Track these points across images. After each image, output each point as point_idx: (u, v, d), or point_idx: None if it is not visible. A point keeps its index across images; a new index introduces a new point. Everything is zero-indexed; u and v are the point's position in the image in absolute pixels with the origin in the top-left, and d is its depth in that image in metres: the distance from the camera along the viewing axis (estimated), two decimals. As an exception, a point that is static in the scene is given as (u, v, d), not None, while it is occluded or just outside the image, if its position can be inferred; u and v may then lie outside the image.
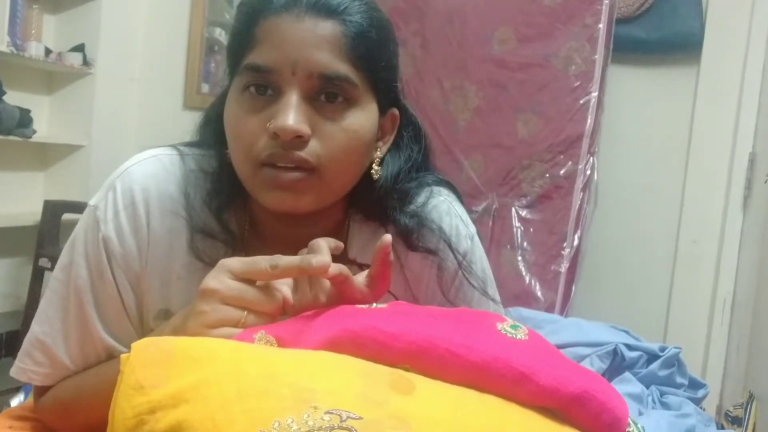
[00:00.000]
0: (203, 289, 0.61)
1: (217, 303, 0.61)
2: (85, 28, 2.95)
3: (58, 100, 3.04)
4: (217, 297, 0.61)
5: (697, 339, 2.38)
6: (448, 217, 0.80)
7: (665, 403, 1.54)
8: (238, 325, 0.61)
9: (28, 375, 0.76)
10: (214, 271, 0.62)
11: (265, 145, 0.67)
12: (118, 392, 0.50)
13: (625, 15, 2.37)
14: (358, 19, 0.68)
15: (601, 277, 2.46)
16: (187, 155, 0.77)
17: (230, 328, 0.60)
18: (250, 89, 0.68)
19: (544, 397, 0.56)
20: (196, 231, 0.74)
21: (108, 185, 0.75)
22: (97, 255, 0.73)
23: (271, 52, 0.67)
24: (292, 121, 0.65)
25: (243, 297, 0.61)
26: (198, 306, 0.61)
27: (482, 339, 0.58)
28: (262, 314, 0.62)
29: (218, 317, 0.60)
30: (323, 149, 0.68)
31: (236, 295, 0.61)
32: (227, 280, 0.61)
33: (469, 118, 2.31)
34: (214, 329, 0.60)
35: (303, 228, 0.75)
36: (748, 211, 2.33)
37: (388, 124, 0.77)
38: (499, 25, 2.27)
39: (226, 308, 0.61)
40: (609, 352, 1.60)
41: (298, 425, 0.45)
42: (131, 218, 0.73)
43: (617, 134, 2.45)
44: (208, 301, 0.61)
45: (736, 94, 2.35)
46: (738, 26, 2.34)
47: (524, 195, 2.24)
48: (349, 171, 0.72)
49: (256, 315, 0.61)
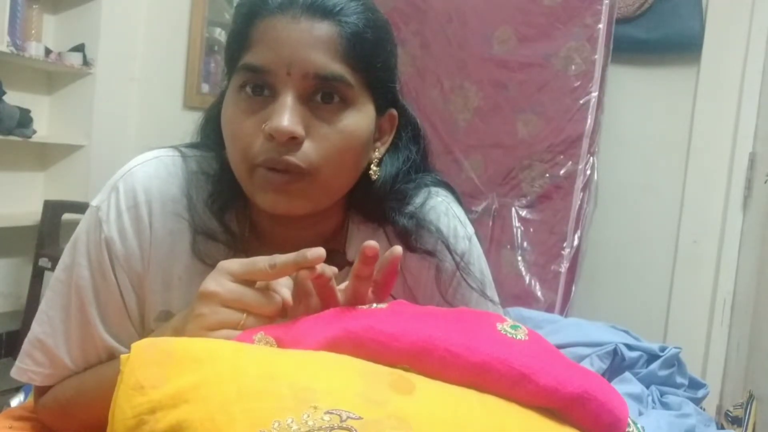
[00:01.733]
0: (202, 291, 0.61)
1: (217, 305, 0.61)
2: (85, 28, 2.95)
3: (58, 100, 3.04)
4: (217, 300, 0.61)
5: (697, 339, 2.39)
6: (446, 218, 0.80)
7: (665, 403, 1.54)
8: (237, 327, 0.61)
9: (28, 375, 0.76)
10: (213, 274, 0.62)
11: (261, 147, 0.67)
12: (118, 392, 0.50)
13: (625, 15, 2.37)
14: (354, 20, 0.68)
15: (601, 277, 2.46)
16: (189, 157, 0.77)
17: (229, 330, 0.60)
18: (246, 90, 0.69)
19: (544, 397, 0.56)
20: (198, 233, 0.74)
21: (110, 186, 0.75)
22: (99, 255, 0.73)
23: (267, 52, 0.67)
24: (286, 122, 0.65)
25: (242, 299, 0.61)
26: (197, 308, 0.61)
27: (482, 339, 0.58)
28: (261, 316, 0.62)
29: (217, 320, 0.60)
30: (318, 151, 0.68)
31: (235, 297, 0.61)
32: (226, 282, 0.61)
33: (469, 118, 2.31)
34: (213, 332, 0.60)
35: (302, 230, 0.75)
36: (748, 211, 2.33)
37: (386, 124, 0.77)
38: (499, 25, 2.27)
39: (226, 311, 0.61)
40: (609, 352, 1.60)
41: (298, 425, 0.45)
42: (134, 219, 0.73)
43: (617, 134, 2.45)
44: (207, 303, 0.61)
45: (736, 94, 2.35)
46: (738, 26, 2.34)
47: (524, 195, 2.24)
48: (345, 173, 0.72)
49: (255, 317, 0.61)
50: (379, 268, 0.66)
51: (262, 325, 0.61)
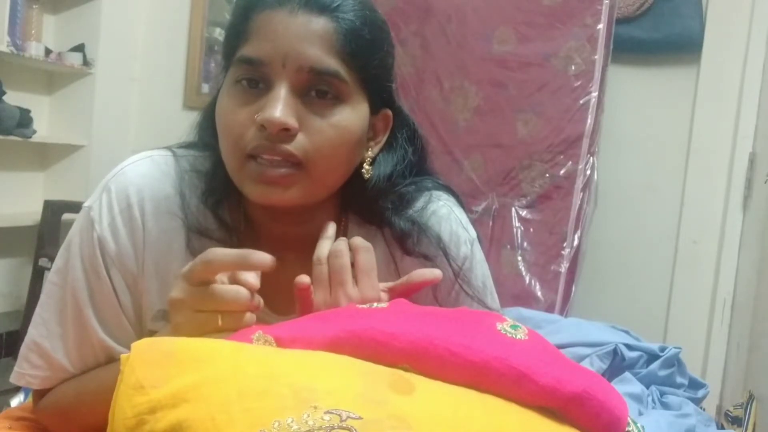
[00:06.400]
0: (170, 301, 0.62)
1: (188, 312, 0.61)
2: (85, 28, 2.95)
3: (58, 100, 3.04)
4: (186, 306, 0.61)
5: (697, 339, 2.39)
6: (447, 223, 0.80)
7: (665, 403, 1.54)
8: (218, 330, 0.60)
9: (26, 379, 0.75)
10: (175, 281, 0.62)
11: (253, 136, 0.67)
12: (118, 392, 0.50)
13: (625, 15, 2.37)
14: (351, 17, 0.68)
15: (601, 277, 2.46)
16: (182, 156, 0.77)
17: (215, 333, 0.60)
18: (242, 82, 0.69)
19: (544, 397, 0.56)
20: (192, 230, 0.74)
21: (102, 186, 0.75)
22: (92, 255, 0.73)
23: (263, 45, 0.67)
24: (279, 113, 0.65)
25: (206, 300, 0.61)
26: (173, 319, 0.62)
27: (482, 339, 0.58)
28: (235, 313, 0.61)
29: (195, 326, 0.60)
30: (310, 143, 0.68)
31: (200, 300, 0.61)
32: (187, 287, 0.61)
33: (469, 118, 2.31)
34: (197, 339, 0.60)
35: (296, 226, 0.75)
36: (748, 211, 2.33)
37: (380, 124, 0.77)
38: (498, 24, 2.27)
39: (199, 315, 0.61)
40: (609, 352, 1.60)
41: (298, 425, 0.45)
42: (127, 219, 0.73)
43: (617, 134, 2.45)
44: (179, 312, 0.61)
45: (736, 95, 2.35)
46: (738, 26, 2.34)
47: (524, 195, 2.24)
48: (337, 167, 0.72)
49: (231, 315, 0.61)
50: (408, 278, 0.68)
51: (240, 320, 0.61)
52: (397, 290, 0.70)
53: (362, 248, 0.69)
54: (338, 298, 0.67)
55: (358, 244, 0.69)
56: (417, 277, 0.69)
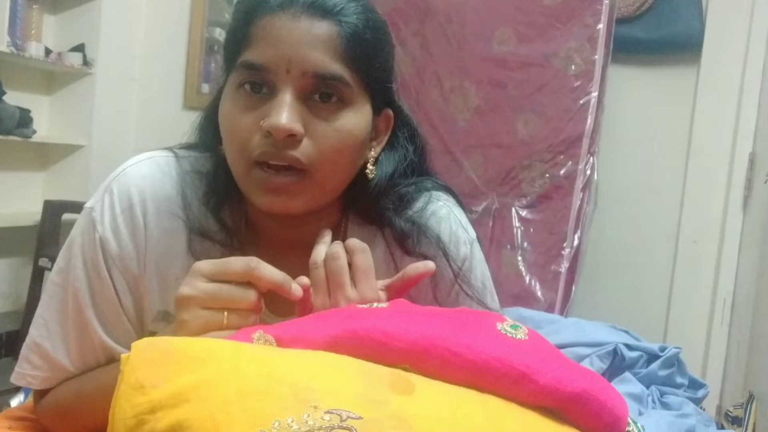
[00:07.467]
0: (178, 297, 0.61)
1: (196, 309, 0.61)
2: (85, 28, 2.96)
3: (58, 100, 3.04)
4: (194, 303, 0.61)
5: (697, 339, 2.39)
6: (447, 223, 0.80)
7: (665, 403, 1.54)
8: (222, 328, 0.60)
9: (26, 379, 0.75)
10: (186, 278, 0.62)
11: (258, 143, 0.67)
12: (118, 392, 0.50)
13: (625, 15, 2.37)
14: (354, 20, 0.68)
15: (601, 277, 2.46)
16: (183, 157, 0.77)
17: (217, 332, 0.60)
18: (245, 87, 0.69)
19: (544, 397, 0.56)
20: (194, 231, 0.74)
21: (104, 187, 0.75)
22: (93, 256, 0.73)
23: (267, 50, 0.67)
24: (285, 119, 0.65)
25: (217, 297, 0.61)
26: (179, 315, 0.61)
27: (482, 339, 0.58)
28: (242, 312, 0.62)
29: (199, 323, 0.60)
30: (316, 149, 0.68)
31: (210, 296, 0.61)
32: (199, 284, 0.61)
33: (469, 118, 2.31)
34: (200, 336, 0.60)
35: (298, 228, 0.75)
36: (748, 211, 2.33)
37: (382, 124, 0.77)
38: (498, 24, 2.27)
39: (206, 312, 0.61)
40: (609, 352, 1.60)
41: (299, 425, 0.45)
42: (128, 219, 0.73)
43: (617, 134, 2.45)
44: (186, 308, 0.61)
45: (736, 95, 2.35)
46: (738, 26, 2.34)
47: (524, 195, 2.24)
48: (342, 171, 0.72)
49: (237, 313, 0.61)
50: (403, 273, 0.68)
51: (245, 320, 0.61)
52: (395, 287, 0.69)
53: (359, 249, 0.68)
54: (337, 300, 0.66)
55: (354, 246, 0.69)
56: (412, 271, 0.68)
